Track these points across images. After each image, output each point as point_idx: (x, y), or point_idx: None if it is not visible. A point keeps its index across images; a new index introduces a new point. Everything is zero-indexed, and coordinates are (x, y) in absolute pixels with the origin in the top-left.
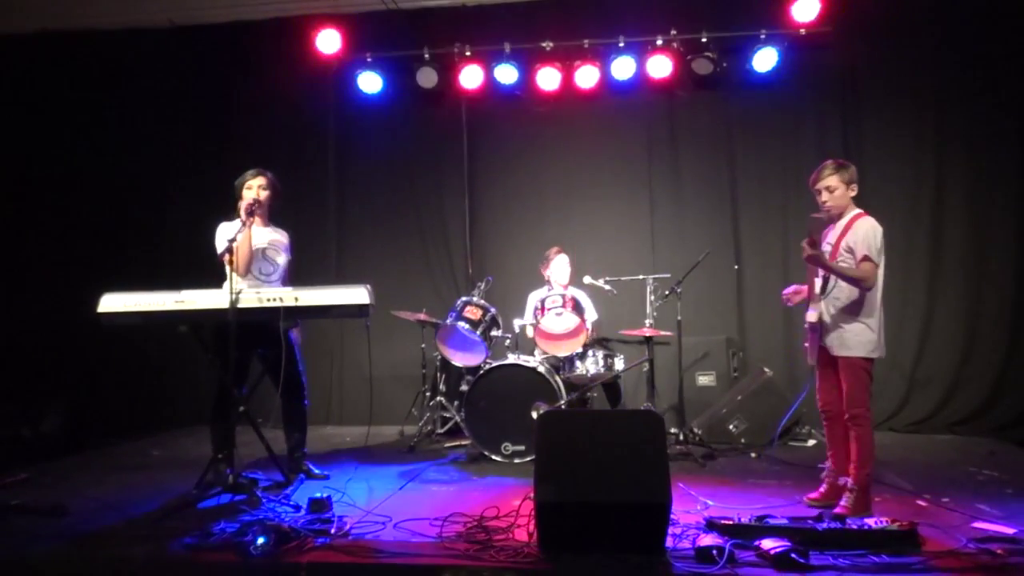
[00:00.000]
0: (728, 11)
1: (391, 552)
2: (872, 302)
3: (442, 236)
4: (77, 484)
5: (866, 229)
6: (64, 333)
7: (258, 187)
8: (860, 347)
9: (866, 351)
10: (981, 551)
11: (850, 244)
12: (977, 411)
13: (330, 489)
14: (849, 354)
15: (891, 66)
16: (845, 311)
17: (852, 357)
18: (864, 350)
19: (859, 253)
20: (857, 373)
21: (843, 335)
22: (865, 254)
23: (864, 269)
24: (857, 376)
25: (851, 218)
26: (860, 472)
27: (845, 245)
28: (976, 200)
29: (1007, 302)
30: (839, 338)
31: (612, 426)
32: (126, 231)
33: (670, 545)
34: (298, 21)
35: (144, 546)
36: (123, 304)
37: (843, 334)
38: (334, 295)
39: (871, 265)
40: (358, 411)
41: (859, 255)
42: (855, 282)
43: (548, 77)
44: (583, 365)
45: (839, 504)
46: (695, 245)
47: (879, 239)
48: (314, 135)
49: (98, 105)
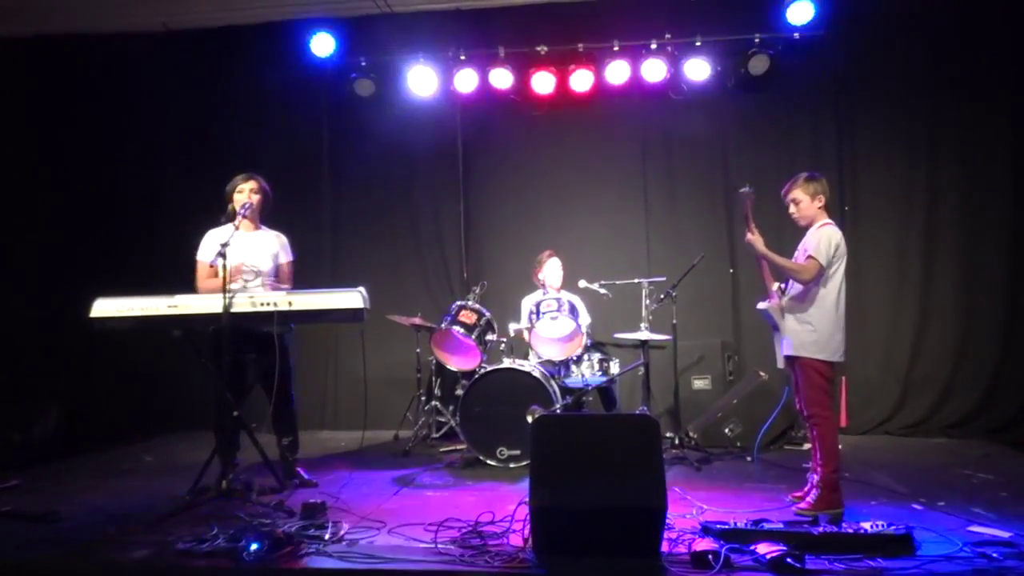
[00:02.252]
0: (722, 15)
1: (386, 558)
2: (823, 304)
3: (437, 240)
4: (69, 489)
5: (820, 234)
6: (56, 337)
7: (249, 191)
8: (804, 348)
9: (811, 352)
10: (977, 555)
11: (805, 247)
12: (971, 414)
13: (324, 494)
14: (796, 354)
15: (884, 70)
16: (794, 312)
17: (801, 357)
18: (809, 351)
19: (807, 252)
20: (808, 373)
21: (791, 335)
22: (810, 254)
23: (804, 263)
24: (808, 376)
25: (818, 226)
26: (824, 470)
27: (803, 248)
28: (969, 204)
29: (1000, 305)
30: (788, 338)
31: (607, 430)
32: (119, 235)
33: (666, 550)
34: (292, 25)
35: (137, 552)
36: (116, 308)
37: (791, 334)
38: (329, 299)
39: (812, 262)
40: (353, 415)
41: (806, 254)
42: (790, 273)
43: (543, 81)
44: (578, 369)
45: (805, 499)
46: (690, 249)
47: (832, 244)
48: (308, 139)
49: (92, 109)
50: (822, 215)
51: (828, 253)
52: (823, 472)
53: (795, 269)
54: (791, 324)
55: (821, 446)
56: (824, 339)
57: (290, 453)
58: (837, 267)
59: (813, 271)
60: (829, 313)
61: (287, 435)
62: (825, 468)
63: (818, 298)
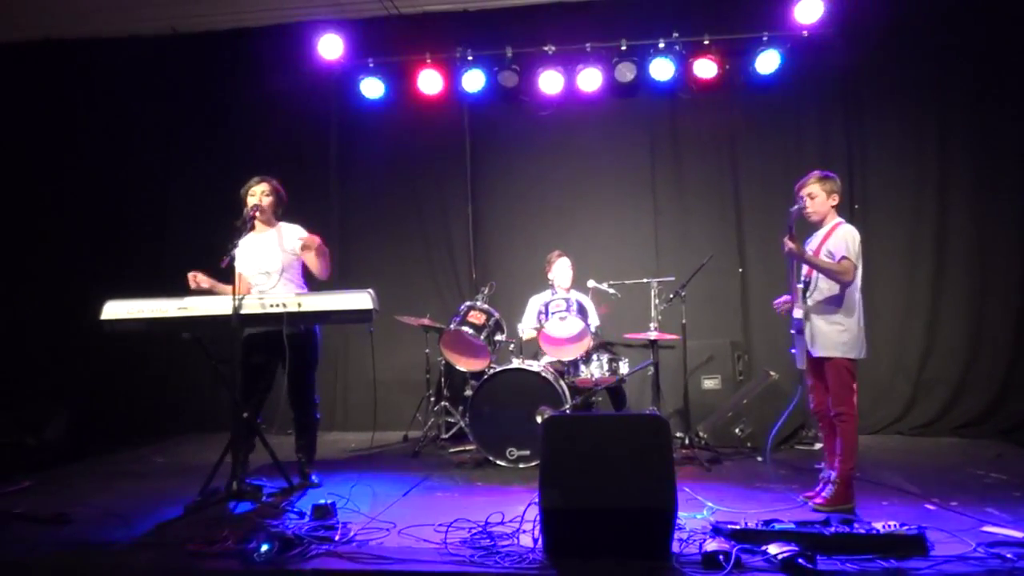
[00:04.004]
0: (730, 14)
1: (395, 559)
2: (850, 303)
3: (445, 241)
4: (79, 492)
5: (844, 234)
6: (67, 340)
7: (261, 193)
8: (837, 348)
9: (843, 351)
10: (990, 555)
11: (831, 249)
12: (983, 414)
13: (334, 495)
14: (827, 354)
15: (894, 68)
16: (823, 313)
17: (832, 358)
18: (841, 351)
19: (838, 255)
20: (839, 373)
21: (822, 337)
22: (844, 255)
23: (843, 264)
24: (839, 376)
25: (832, 225)
26: (844, 467)
27: (825, 250)
28: (980, 203)
29: (1012, 304)
30: (818, 340)
31: (617, 430)
32: (129, 237)
33: (676, 550)
34: (300, 27)
35: (147, 554)
36: (126, 311)
37: (822, 336)
38: (337, 300)
39: (849, 263)
40: (362, 416)
41: (838, 256)
42: (834, 275)
43: (550, 81)
44: (587, 369)
45: (820, 495)
46: (699, 248)
47: (857, 243)
48: (316, 141)
49: (100, 112)
50: (835, 214)
51: (857, 252)
52: (842, 468)
53: (838, 271)
54: (820, 325)
55: (845, 443)
56: (854, 338)
57: (304, 455)
58: (859, 266)
59: (852, 272)
60: (855, 312)
61: (305, 438)
62: (845, 464)
63: (846, 298)
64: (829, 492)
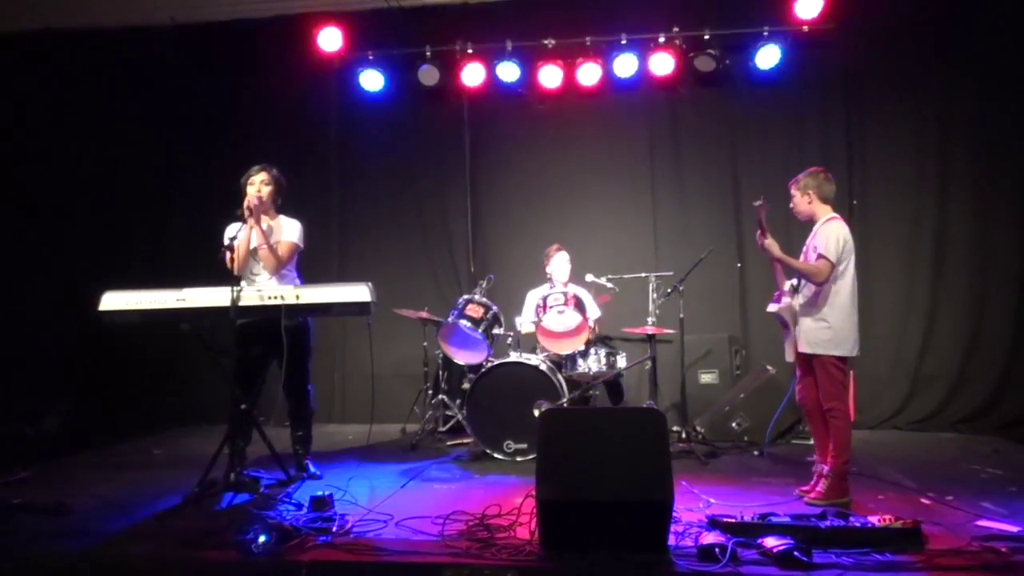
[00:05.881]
0: (730, 8)
1: (393, 550)
2: (836, 301)
3: (444, 234)
4: (79, 483)
5: (827, 231)
6: (66, 332)
7: (260, 183)
8: (821, 345)
9: (827, 348)
10: (985, 549)
11: (815, 245)
12: (981, 409)
13: (332, 487)
14: (813, 351)
15: (894, 63)
16: (808, 309)
17: (818, 355)
18: (825, 348)
19: (817, 252)
20: (826, 369)
21: (806, 333)
22: (820, 252)
23: (816, 264)
24: (826, 372)
25: (822, 222)
26: (837, 461)
27: (812, 246)
28: (979, 198)
29: (1011, 299)
30: (803, 336)
31: (614, 424)
32: (128, 229)
33: (672, 543)
34: (300, 19)
35: (146, 545)
36: (124, 302)
37: (806, 332)
38: (336, 293)
39: (825, 262)
40: (360, 409)
41: (816, 253)
42: (805, 275)
43: (550, 74)
44: (585, 363)
45: (815, 489)
46: (697, 242)
47: (840, 241)
48: (316, 133)
49: (100, 103)
50: (824, 210)
51: (837, 250)
52: (835, 463)
53: (809, 271)
54: (806, 323)
55: (837, 438)
56: (840, 336)
57: (302, 446)
58: (847, 263)
59: (826, 271)
60: (843, 309)
61: (301, 428)
62: (838, 459)
63: (831, 295)
64: (823, 486)
